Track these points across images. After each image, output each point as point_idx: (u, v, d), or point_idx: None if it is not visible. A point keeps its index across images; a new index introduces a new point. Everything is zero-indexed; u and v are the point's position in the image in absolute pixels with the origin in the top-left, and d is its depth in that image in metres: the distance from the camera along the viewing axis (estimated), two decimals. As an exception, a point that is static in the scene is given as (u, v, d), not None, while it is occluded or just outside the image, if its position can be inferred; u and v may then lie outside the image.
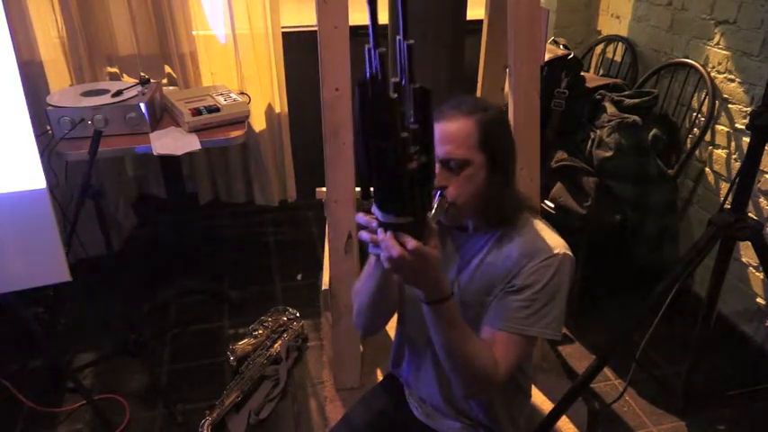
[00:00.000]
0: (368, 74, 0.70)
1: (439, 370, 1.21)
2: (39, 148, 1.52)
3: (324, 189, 1.82)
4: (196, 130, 2.09)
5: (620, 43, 2.67)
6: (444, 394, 1.24)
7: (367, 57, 0.69)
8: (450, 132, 1.04)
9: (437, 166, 1.06)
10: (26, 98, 1.47)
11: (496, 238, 1.12)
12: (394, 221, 0.84)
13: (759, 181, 1.98)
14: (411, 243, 0.84)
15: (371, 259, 1.07)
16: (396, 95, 0.71)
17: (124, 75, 2.53)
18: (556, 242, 1.09)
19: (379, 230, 0.86)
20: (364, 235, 0.89)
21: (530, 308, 1.06)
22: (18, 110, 1.47)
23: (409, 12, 0.67)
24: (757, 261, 1.80)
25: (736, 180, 1.46)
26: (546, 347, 2.15)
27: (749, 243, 1.50)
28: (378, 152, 0.74)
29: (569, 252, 1.10)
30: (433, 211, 1.02)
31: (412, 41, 0.70)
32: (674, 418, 1.91)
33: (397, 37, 0.71)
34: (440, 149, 1.05)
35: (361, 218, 0.89)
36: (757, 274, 2.04)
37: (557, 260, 1.07)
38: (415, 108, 0.75)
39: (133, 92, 2.13)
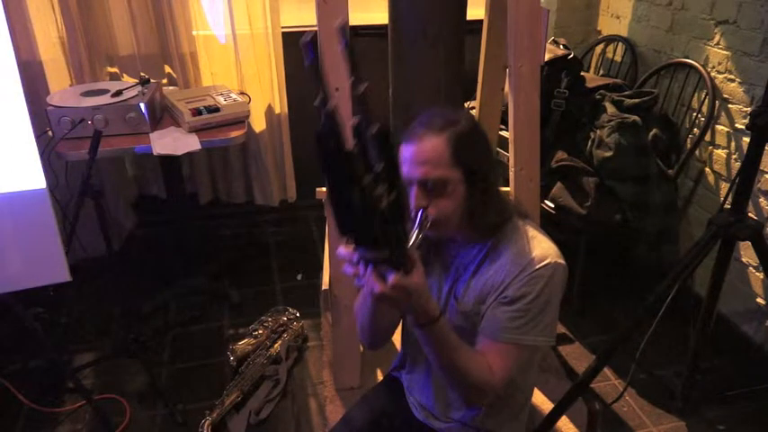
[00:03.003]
0: (324, 127, 0.71)
1: (436, 379, 1.22)
2: (39, 148, 1.52)
3: (324, 189, 1.82)
4: (196, 130, 2.09)
5: (620, 43, 2.67)
6: (441, 401, 1.25)
7: (318, 113, 0.71)
8: (423, 153, 1.03)
9: (414, 187, 1.05)
10: (26, 98, 1.47)
11: (488, 248, 1.12)
12: (372, 256, 0.86)
13: (759, 181, 1.98)
14: (391, 278, 0.86)
15: None
16: (356, 139, 0.74)
17: (124, 75, 2.53)
18: (547, 251, 1.08)
19: (361, 264, 0.88)
20: (347, 268, 0.90)
21: (522, 318, 1.06)
22: (18, 110, 1.47)
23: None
24: (757, 261, 1.80)
25: (736, 180, 1.46)
26: (546, 348, 2.15)
27: (749, 243, 1.50)
28: (344, 200, 0.76)
29: (561, 260, 1.09)
30: (415, 234, 1.02)
31: (365, 86, 0.73)
32: (674, 418, 1.91)
33: (351, 80, 0.72)
34: (415, 171, 1.04)
35: (343, 252, 0.89)
36: (757, 274, 2.04)
37: (548, 270, 1.06)
38: (376, 148, 0.76)
39: (133, 92, 2.13)
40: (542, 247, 1.09)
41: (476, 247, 1.13)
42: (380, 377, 1.98)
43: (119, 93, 2.10)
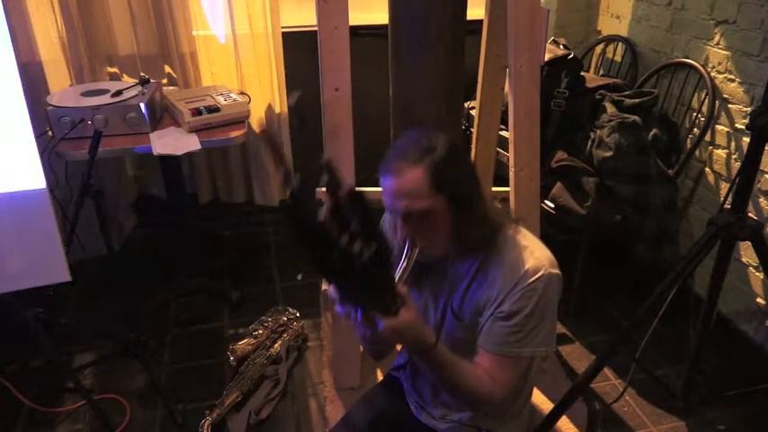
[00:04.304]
0: (291, 204, 0.74)
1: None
2: (39, 148, 1.52)
3: (324, 189, 1.82)
4: (196, 130, 2.09)
5: (620, 43, 2.67)
6: (441, 403, 1.26)
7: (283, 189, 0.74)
8: (402, 188, 1.02)
9: (399, 218, 1.06)
10: (26, 98, 1.47)
11: (480, 262, 1.11)
12: (360, 303, 0.90)
13: (759, 181, 1.98)
14: (381, 323, 0.89)
15: None
16: (331, 203, 0.78)
17: (124, 75, 2.53)
18: (540, 261, 1.07)
19: (351, 308, 0.91)
20: (339, 309, 0.92)
21: (520, 332, 1.07)
22: (18, 110, 1.47)
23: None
24: (757, 261, 1.80)
25: (736, 180, 1.46)
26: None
27: (749, 243, 1.50)
28: (323, 263, 0.79)
29: (554, 269, 1.08)
30: (402, 265, 1.04)
31: (330, 160, 0.78)
32: (674, 418, 1.91)
33: (321, 154, 0.76)
34: (397, 204, 1.03)
35: (334, 293, 0.90)
36: (757, 274, 2.04)
37: (542, 283, 1.05)
38: (350, 210, 0.79)
39: (133, 92, 2.13)
40: (535, 257, 1.08)
41: (467, 261, 1.13)
42: (380, 377, 1.98)
43: (119, 93, 2.10)
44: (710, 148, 2.21)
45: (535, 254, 1.08)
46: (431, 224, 1.04)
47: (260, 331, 2.21)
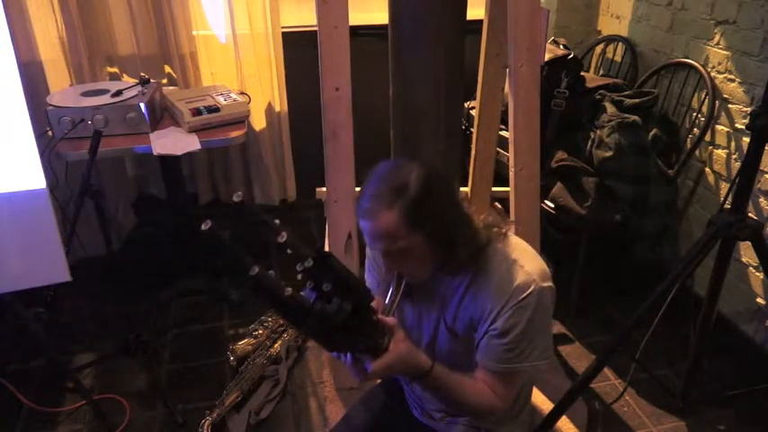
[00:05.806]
0: (256, 290, 0.79)
1: None
2: (39, 148, 1.52)
3: (324, 189, 1.82)
4: (196, 130, 2.09)
5: (620, 43, 2.67)
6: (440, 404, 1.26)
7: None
8: (378, 231, 1.00)
9: (380, 256, 1.07)
10: (26, 98, 1.47)
11: (469, 278, 1.10)
12: (348, 350, 0.93)
13: (759, 181, 1.98)
14: (369, 366, 0.92)
15: None
16: (302, 269, 0.83)
17: (124, 75, 2.53)
18: (530, 274, 1.05)
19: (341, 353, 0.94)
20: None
21: (516, 349, 1.06)
22: (18, 110, 1.47)
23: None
24: (757, 261, 1.80)
25: (736, 180, 1.46)
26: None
27: (749, 243, 1.50)
28: (303, 328, 0.82)
29: (546, 282, 1.06)
30: (390, 297, 1.05)
31: (286, 237, 0.84)
32: (674, 418, 1.91)
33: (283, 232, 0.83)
34: (376, 245, 1.03)
35: None
36: (757, 274, 2.04)
37: (533, 298, 1.04)
38: (322, 274, 0.82)
39: (133, 92, 2.13)
40: (525, 272, 1.06)
41: (457, 278, 1.12)
42: (380, 377, 1.98)
43: (119, 93, 2.10)
44: (710, 148, 2.21)
45: (525, 267, 1.06)
46: (413, 258, 1.04)
47: (260, 331, 2.21)
